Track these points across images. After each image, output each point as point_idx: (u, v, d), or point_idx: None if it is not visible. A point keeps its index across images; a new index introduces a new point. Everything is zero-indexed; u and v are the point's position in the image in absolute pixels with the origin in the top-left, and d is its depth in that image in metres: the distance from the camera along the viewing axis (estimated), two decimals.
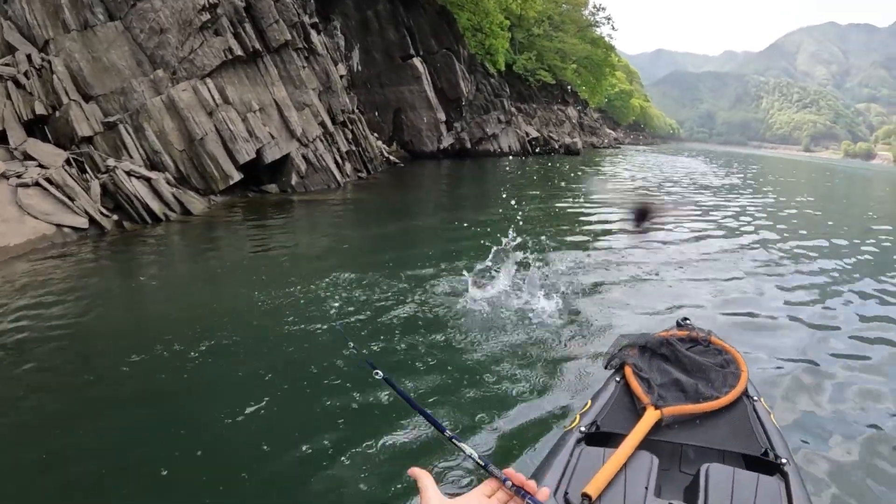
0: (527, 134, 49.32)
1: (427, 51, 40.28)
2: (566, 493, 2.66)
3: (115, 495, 4.27)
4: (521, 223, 10.15)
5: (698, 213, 18.28)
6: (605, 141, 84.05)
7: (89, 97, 16.84)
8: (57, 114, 15.94)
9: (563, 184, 27.34)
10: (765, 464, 2.97)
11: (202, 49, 17.98)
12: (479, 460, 1.45)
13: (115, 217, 14.01)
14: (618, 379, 3.78)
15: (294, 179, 19.99)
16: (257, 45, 19.09)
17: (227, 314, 8.13)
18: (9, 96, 15.66)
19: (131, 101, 16.99)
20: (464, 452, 1.52)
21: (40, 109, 15.77)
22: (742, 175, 43.90)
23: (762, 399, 3.66)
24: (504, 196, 20.84)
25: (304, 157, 20.49)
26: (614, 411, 3.46)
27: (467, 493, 1.34)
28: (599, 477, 2.66)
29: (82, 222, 13.27)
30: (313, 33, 23.85)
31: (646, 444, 2.99)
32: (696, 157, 66.71)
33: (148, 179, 15.08)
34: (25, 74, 16.20)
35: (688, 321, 4.64)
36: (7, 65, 16.42)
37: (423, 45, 39.99)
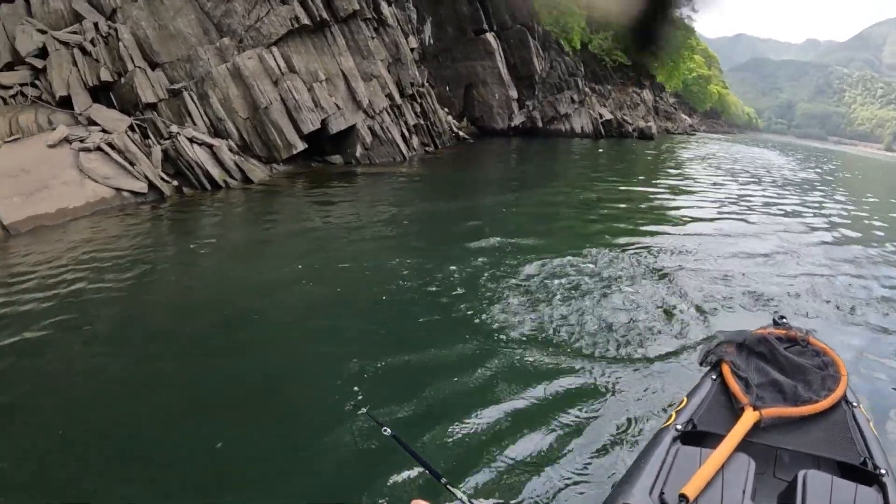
0: (600, 115, 47.97)
1: (500, 26, 39.37)
2: (662, 493, 2.62)
3: (169, 463, 4.32)
4: (592, 207, 9.73)
5: (783, 211, 17.06)
6: (680, 127, 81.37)
7: (155, 65, 16.73)
8: (122, 80, 15.87)
9: (636, 168, 26.40)
10: (863, 473, 2.89)
11: (268, 17, 17.69)
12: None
13: (175, 183, 13.89)
14: (714, 376, 3.68)
15: (359, 151, 19.63)
16: (325, 15, 18.71)
17: (276, 284, 7.93)
18: (75, 63, 15.70)
19: (197, 69, 16.82)
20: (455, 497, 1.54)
21: (106, 76, 15.71)
22: (823, 171, 41.97)
23: (861, 405, 3.51)
24: (574, 177, 20.17)
25: (370, 129, 20.11)
26: (711, 410, 3.38)
27: None
28: (697, 478, 2.61)
29: (142, 187, 13.15)
30: (384, 4, 23.40)
31: (742, 445, 2.92)
32: (780, 152, 64.27)
33: (210, 146, 14.90)
34: (92, 42, 16.17)
35: (784, 319, 4.41)
36: (74, 33, 16.43)
37: (497, 20, 39.06)
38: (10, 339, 6.00)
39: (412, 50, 27.43)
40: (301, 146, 17.42)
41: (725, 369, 3.64)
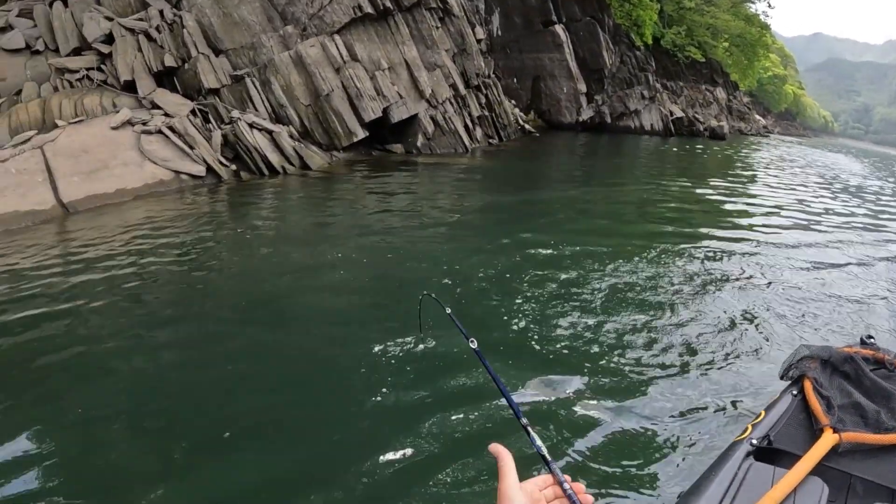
0: (671, 113, 46.85)
1: (570, 18, 38.73)
2: None
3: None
4: (657, 209, 9.39)
5: (861, 223, 16.06)
6: (754, 128, 79.16)
7: (219, 51, 16.81)
8: (185, 66, 15.99)
9: (706, 170, 25.54)
10: None
11: (332, 6, 17.56)
12: (546, 455, 1.42)
13: (234, 167, 13.88)
14: (794, 392, 3.50)
15: (420, 141, 19.38)
16: (388, 4, 18.49)
17: (323, 268, 7.87)
18: (140, 49, 15.93)
19: (260, 56, 16.82)
20: (533, 444, 1.46)
21: (170, 62, 15.86)
22: None
23: None
24: (640, 176, 19.57)
25: (432, 119, 19.84)
26: (788, 427, 3.21)
27: (526, 481, 1.31)
28: (768, 498, 2.50)
29: (199, 170, 13.16)
30: None
31: (817, 468, 2.77)
32: (856, 158, 61.81)
33: (270, 132, 14.86)
34: (157, 29, 16.38)
35: (872, 339, 4.16)
36: (140, 20, 16.65)
37: (566, 12, 38.44)
38: (62, 314, 6.14)
39: (479, 41, 27.10)
40: (362, 134, 17.25)
41: (807, 386, 3.43)
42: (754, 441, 3.00)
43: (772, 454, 3.00)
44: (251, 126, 14.51)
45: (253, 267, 7.96)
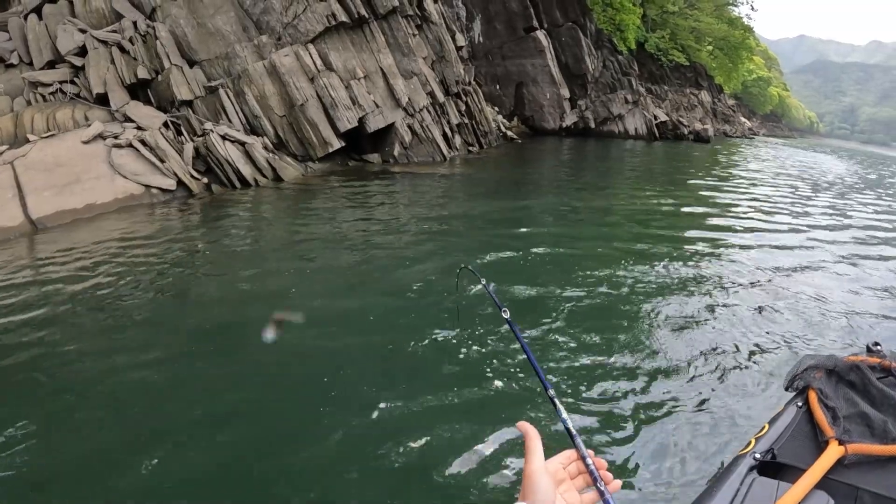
0: (655, 117, 46.86)
1: (552, 23, 38.84)
2: None
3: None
4: (646, 214, 9.34)
5: (853, 224, 16.04)
6: (739, 130, 79.33)
7: (193, 62, 16.75)
8: (159, 78, 15.91)
9: (691, 173, 25.52)
10: None
11: (305, 15, 17.50)
12: (571, 429, 1.43)
13: (205, 180, 13.77)
14: (799, 403, 3.44)
15: (397, 150, 19.26)
16: (364, 12, 18.40)
17: (288, 286, 7.76)
18: (112, 61, 15.84)
19: (234, 66, 16.76)
20: (559, 417, 1.48)
21: (143, 74, 15.76)
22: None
23: None
24: (624, 181, 19.55)
25: (410, 128, 19.74)
26: (793, 440, 3.16)
27: (550, 459, 1.33)
28: None
29: (170, 184, 13.07)
30: (429, 1, 23.08)
31: (822, 482, 2.73)
32: (840, 158, 61.97)
33: (243, 143, 14.75)
34: (130, 40, 16.29)
35: (879, 347, 3.98)
36: (114, 31, 16.57)
37: (548, 17, 38.55)
38: (28, 336, 6.05)
39: (460, 48, 27.08)
40: (337, 144, 17.15)
41: (812, 397, 3.39)
42: (757, 455, 2.97)
43: (776, 468, 2.97)
44: (224, 138, 14.41)
45: (220, 284, 7.84)
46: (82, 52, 15.91)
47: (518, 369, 5.19)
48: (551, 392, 1.55)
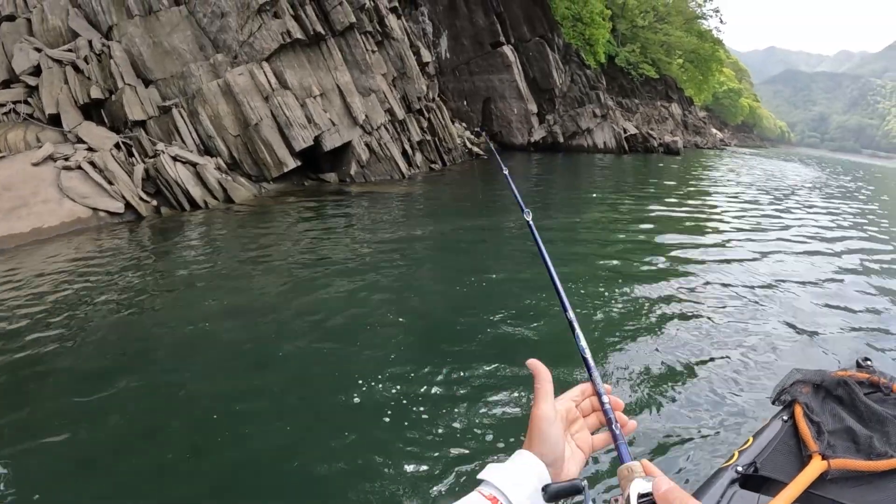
0: (624, 130, 47.19)
1: (519, 38, 39.09)
2: None
3: None
4: (616, 230, 9.24)
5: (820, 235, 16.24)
6: (710, 141, 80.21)
7: (149, 81, 16.65)
8: (112, 98, 15.77)
9: (660, 186, 25.74)
10: None
11: (261, 32, 17.45)
12: (588, 359, 1.35)
13: (154, 202, 13.63)
14: (785, 418, 3.42)
15: (354, 169, 19.20)
16: (320, 29, 18.39)
17: (223, 314, 7.60)
18: (66, 81, 15.67)
19: (189, 86, 16.68)
20: (577, 344, 1.38)
21: (96, 94, 15.64)
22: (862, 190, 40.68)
23: None
24: (591, 196, 19.67)
25: (367, 146, 19.71)
26: (776, 454, 3.13)
27: (560, 396, 1.26)
28: None
29: (118, 207, 12.96)
30: (392, 17, 23.12)
31: (804, 496, 2.72)
32: (809, 167, 62.76)
33: (194, 164, 14.67)
34: (85, 59, 16.15)
35: (869, 362, 3.99)
36: (69, 50, 16.45)
37: (515, 33, 38.80)
38: None
39: (426, 64, 27.15)
40: (293, 164, 17.06)
41: (798, 411, 3.37)
42: (740, 468, 2.96)
43: (758, 481, 2.95)
44: (175, 159, 14.32)
45: (159, 312, 7.69)
46: (37, 71, 15.78)
47: None
48: (570, 315, 1.45)
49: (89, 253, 10.41)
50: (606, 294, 8.64)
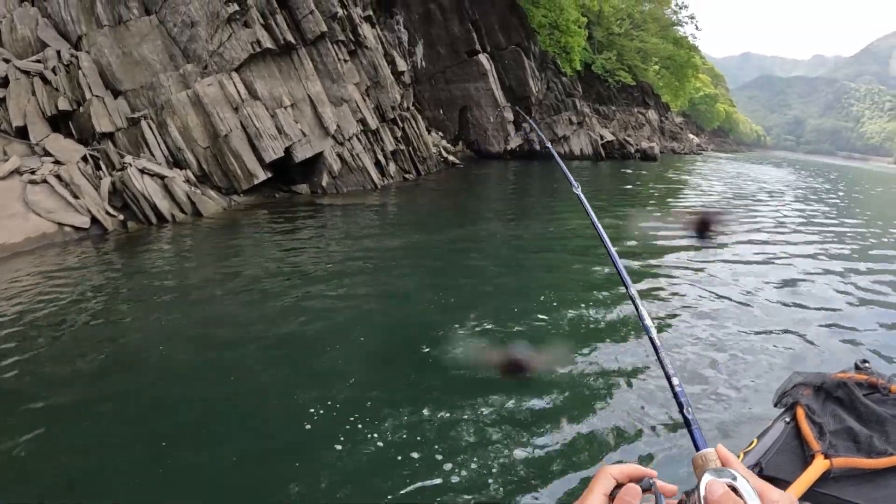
0: (601, 137, 47.49)
1: (495, 46, 39.13)
2: None
3: None
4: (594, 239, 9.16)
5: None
6: (687, 147, 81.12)
7: (118, 92, 16.48)
8: (80, 109, 15.58)
9: (638, 192, 25.91)
10: None
11: (230, 42, 17.31)
12: (654, 339, 1.31)
13: (121, 217, 13.44)
14: (787, 419, 3.50)
15: (325, 180, 19.07)
16: (290, 38, 18.26)
17: (195, 331, 7.54)
18: (34, 92, 15.45)
19: (158, 97, 16.52)
20: (641, 322, 1.33)
21: (64, 105, 15.44)
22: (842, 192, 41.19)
23: None
24: (567, 204, 19.72)
25: (339, 156, 19.59)
26: (780, 454, 3.21)
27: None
28: None
29: (83, 221, 12.76)
30: (366, 26, 23.09)
31: (808, 494, 2.82)
32: (781, 169, 63.52)
33: (162, 177, 14.51)
34: (53, 70, 15.96)
35: (867, 364, 4.07)
36: (38, 61, 16.24)
37: (491, 41, 38.86)
38: None
39: (401, 73, 27.14)
40: (263, 175, 16.92)
41: (800, 413, 3.45)
42: None
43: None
44: (142, 172, 14.16)
45: (115, 333, 7.57)
46: (5, 82, 15.52)
47: None
48: (632, 290, 1.45)
49: (51, 270, 10.20)
50: (584, 302, 8.68)
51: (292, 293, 9.00)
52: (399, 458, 4.76)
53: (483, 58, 36.85)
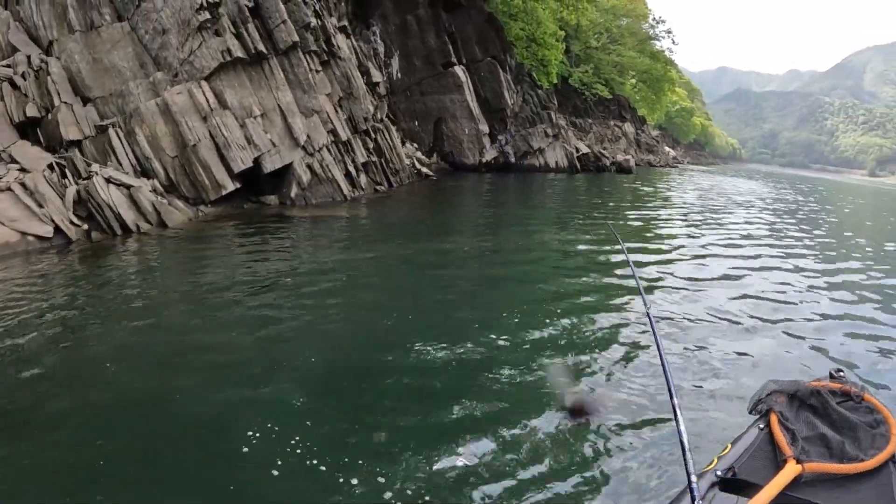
0: (576, 149, 47.81)
1: (470, 59, 39.31)
2: None
3: None
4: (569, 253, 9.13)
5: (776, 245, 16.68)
6: (663, 160, 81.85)
7: (87, 100, 16.40)
8: (49, 116, 15.49)
9: (612, 204, 26.12)
10: None
11: (200, 50, 17.24)
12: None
13: (85, 227, 13.34)
14: (761, 426, 3.56)
15: (294, 191, 18.98)
16: (262, 47, 18.18)
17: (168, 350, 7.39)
18: (2, 98, 15.34)
19: (127, 105, 16.43)
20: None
21: (32, 111, 15.36)
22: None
23: None
24: (542, 216, 19.77)
25: (309, 167, 19.54)
26: (753, 459, 3.27)
27: None
28: None
29: (47, 231, 12.64)
30: (340, 37, 23.12)
31: (780, 498, 2.85)
32: (757, 182, 64.32)
33: (128, 187, 14.42)
34: (22, 76, 15.86)
35: (842, 373, 4.17)
36: (8, 66, 16.14)
37: (467, 53, 39.04)
38: None
39: (376, 84, 27.19)
40: (231, 186, 16.82)
41: (773, 419, 3.50)
42: (719, 472, 3.06)
43: (737, 485, 3.07)
44: (108, 181, 14.07)
45: (77, 348, 7.41)
46: None
47: None
48: (675, 401, 1.37)
49: (13, 278, 10.12)
50: (558, 318, 8.69)
51: (254, 309, 8.93)
52: (340, 481, 4.70)
53: (459, 70, 37.02)
